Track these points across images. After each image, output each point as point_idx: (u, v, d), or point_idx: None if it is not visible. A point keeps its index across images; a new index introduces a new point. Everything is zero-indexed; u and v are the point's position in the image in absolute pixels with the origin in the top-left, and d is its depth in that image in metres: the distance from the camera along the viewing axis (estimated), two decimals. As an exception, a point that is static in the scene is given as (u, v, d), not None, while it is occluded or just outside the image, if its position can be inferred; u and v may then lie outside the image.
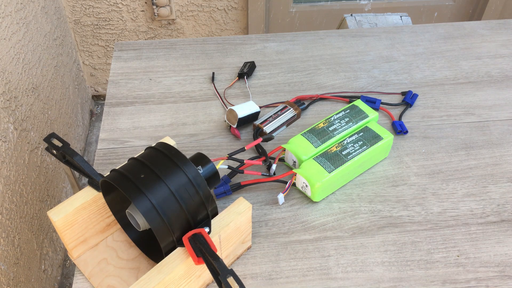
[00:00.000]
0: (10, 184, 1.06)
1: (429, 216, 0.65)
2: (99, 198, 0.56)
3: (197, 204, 0.51)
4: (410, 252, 0.60)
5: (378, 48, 0.94)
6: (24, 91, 1.20)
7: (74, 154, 0.56)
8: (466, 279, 0.58)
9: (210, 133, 0.77)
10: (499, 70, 0.89)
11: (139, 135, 0.76)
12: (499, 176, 0.70)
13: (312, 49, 0.94)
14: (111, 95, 0.84)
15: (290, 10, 1.80)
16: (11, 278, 1.02)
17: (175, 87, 0.86)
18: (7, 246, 1.01)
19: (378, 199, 0.67)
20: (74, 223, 0.55)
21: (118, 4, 1.66)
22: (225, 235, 0.53)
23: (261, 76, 0.88)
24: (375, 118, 0.72)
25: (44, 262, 1.23)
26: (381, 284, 0.57)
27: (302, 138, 0.68)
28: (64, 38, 1.61)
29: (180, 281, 0.50)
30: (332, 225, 0.63)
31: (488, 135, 0.76)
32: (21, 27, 1.23)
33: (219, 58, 0.92)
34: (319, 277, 0.58)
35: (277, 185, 0.69)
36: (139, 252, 0.59)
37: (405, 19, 1.37)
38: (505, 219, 0.64)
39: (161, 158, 0.52)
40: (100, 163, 0.72)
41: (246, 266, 0.59)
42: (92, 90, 1.94)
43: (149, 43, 0.96)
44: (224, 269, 0.45)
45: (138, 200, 0.48)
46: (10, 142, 1.08)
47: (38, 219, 1.21)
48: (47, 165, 1.32)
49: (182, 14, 1.72)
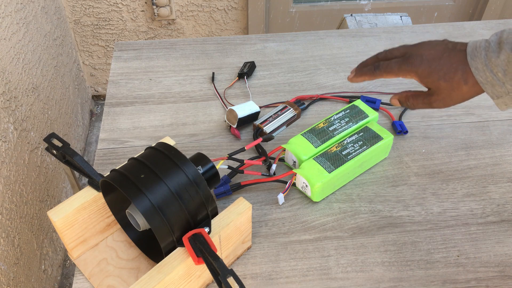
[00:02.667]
0: (10, 184, 1.06)
1: (429, 216, 0.65)
2: (99, 198, 0.56)
3: (197, 204, 0.51)
4: (410, 252, 0.60)
5: (378, 48, 0.94)
6: (24, 91, 1.20)
7: (74, 154, 0.56)
8: (466, 279, 0.58)
9: (210, 133, 0.77)
10: (499, 70, 0.89)
11: (139, 135, 0.76)
12: (499, 176, 0.70)
13: (312, 49, 0.94)
14: (111, 95, 0.84)
15: (290, 10, 1.80)
16: (11, 278, 1.02)
17: (175, 87, 0.86)
18: (7, 246, 1.01)
19: (378, 199, 0.67)
20: (74, 223, 0.55)
21: (118, 4, 1.66)
22: (225, 235, 0.53)
23: (261, 76, 0.88)
24: (375, 118, 0.72)
25: (44, 262, 1.23)
26: (381, 284, 0.57)
27: (302, 138, 0.68)
28: (64, 38, 1.61)
29: (180, 281, 0.50)
30: (332, 225, 0.63)
31: (488, 135, 0.76)
32: (21, 27, 1.23)
33: (219, 58, 0.92)
34: (319, 277, 0.58)
35: (277, 185, 0.69)
36: (139, 252, 0.59)
37: (405, 19, 1.38)
38: (505, 219, 0.64)
39: (161, 158, 0.52)
40: (100, 163, 0.72)
41: (246, 266, 0.59)
42: (92, 90, 1.94)
43: (149, 43, 0.96)
44: (224, 269, 0.45)
45: (138, 200, 0.48)
46: (10, 142, 1.08)
47: (38, 219, 1.21)
48: (47, 165, 1.32)
49: (182, 14, 1.72)
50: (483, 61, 0.49)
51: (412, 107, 0.57)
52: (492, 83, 0.49)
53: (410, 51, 0.55)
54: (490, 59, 0.48)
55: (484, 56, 0.49)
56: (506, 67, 0.47)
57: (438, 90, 0.53)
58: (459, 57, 0.51)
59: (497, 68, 0.48)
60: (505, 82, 0.48)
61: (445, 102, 0.53)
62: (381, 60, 0.58)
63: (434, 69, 0.52)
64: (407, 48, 0.55)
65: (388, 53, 0.57)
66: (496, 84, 0.49)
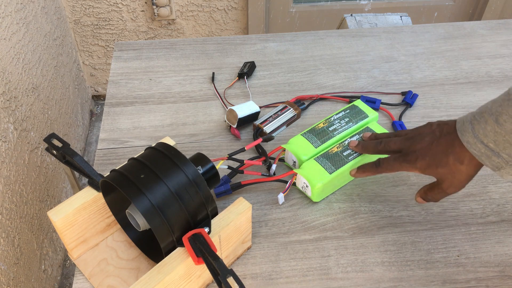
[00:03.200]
0: (10, 184, 1.06)
1: (429, 216, 0.65)
2: (99, 198, 0.56)
3: (197, 204, 0.51)
4: (410, 252, 0.60)
5: (378, 48, 0.94)
6: (24, 91, 1.20)
7: (74, 154, 0.56)
8: (466, 279, 0.58)
9: (210, 133, 0.77)
10: (499, 70, 0.89)
11: (139, 135, 0.76)
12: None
13: (312, 49, 0.94)
14: (111, 95, 0.84)
15: (290, 10, 1.80)
16: (11, 278, 1.02)
17: (175, 87, 0.86)
18: (7, 246, 1.01)
19: (378, 199, 0.67)
20: (74, 223, 0.55)
21: (118, 4, 1.66)
22: (225, 235, 0.53)
23: (261, 76, 0.88)
24: (375, 118, 0.72)
25: (44, 262, 1.23)
26: (381, 284, 0.57)
27: (302, 138, 0.68)
28: (64, 38, 1.61)
29: (180, 281, 0.50)
30: (332, 225, 0.63)
31: (488, 135, 0.76)
32: (21, 27, 1.23)
33: (219, 58, 0.92)
34: (319, 277, 0.58)
35: (277, 185, 0.69)
36: (139, 252, 0.59)
37: (405, 19, 1.38)
38: (505, 219, 0.64)
39: (161, 158, 0.52)
40: (100, 163, 0.72)
41: (246, 266, 0.59)
42: (92, 90, 1.94)
43: (149, 43, 0.96)
44: (224, 269, 0.45)
45: (138, 200, 0.48)
46: (10, 142, 1.08)
47: (38, 219, 1.21)
48: (47, 165, 1.32)
49: (182, 14, 1.72)
50: (472, 134, 0.50)
51: (434, 201, 0.59)
52: (487, 154, 0.49)
53: (404, 148, 0.57)
54: (478, 131, 0.49)
55: (471, 130, 0.50)
56: (494, 137, 0.48)
57: (442, 177, 0.55)
58: (447, 141, 0.53)
59: (486, 139, 0.48)
60: (499, 152, 0.48)
61: (455, 186, 0.55)
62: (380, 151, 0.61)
63: (430, 161, 0.54)
64: (402, 143, 0.58)
65: (386, 146, 0.60)
66: (491, 155, 0.49)
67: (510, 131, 0.47)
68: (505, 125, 0.47)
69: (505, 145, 0.47)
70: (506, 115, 0.47)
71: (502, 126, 0.47)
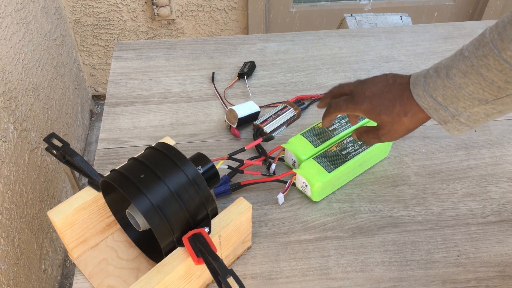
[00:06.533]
0: (10, 184, 1.06)
1: (429, 216, 0.65)
2: (99, 198, 0.56)
3: (197, 204, 0.51)
4: (410, 252, 0.60)
5: (378, 48, 0.94)
6: (24, 91, 1.20)
7: (74, 154, 0.56)
8: (466, 279, 0.58)
9: (210, 133, 0.77)
10: (499, 70, 0.89)
11: (139, 135, 0.76)
12: (499, 176, 0.70)
13: (312, 49, 0.94)
14: (111, 95, 0.84)
15: (290, 10, 1.80)
16: (11, 278, 1.02)
17: (175, 87, 0.86)
18: (7, 246, 1.01)
19: (378, 199, 0.67)
20: (74, 223, 0.55)
21: (118, 4, 1.66)
22: (225, 235, 0.53)
23: (261, 76, 0.88)
24: (375, 118, 0.72)
25: (44, 262, 1.23)
26: (381, 284, 0.57)
27: (302, 138, 0.68)
28: (64, 38, 1.61)
29: (180, 281, 0.50)
30: (332, 225, 0.63)
31: (488, 135, 0.76)
32: (21, 27, 1.23)
33: (219, 58, 0.92)
34: (319, 277, 0.58)
35: (277, 185, 0.69)
36: (139, 252, 0.59)
37: (405, 19, 1.38)
38: (505, 219, 0.64)
39: (161, 158, 0.52)
40: (100, 163, 0.72)
41: (246, 266, 0.59)
42: (92, 90, 1.94)
43: (149, 43, 0.96)
44: (224, 269, 0.45)
45: (138, 200, 0.48)
46: (10, 142, 1.08)
47: (38, 219, 1.21)
48: (47, 165, 1.32)
49: (182, 14, 1.72)
50: (423, 87, 0.51)
51: (366, 143, 0.60)
52: (435, 107, 0.50)
53: (355, 90, 0.58)
54: (429, 85, 0.50)
55: (423, 83, 0.51)
56: (443, 91, 0.49)
57: (382, 124, 0.55)
58: (397, 91, 0.53)
59: (436, 92, 0.49)
60: (447, 106, 0.49)
61: (391, 135, 0.55)
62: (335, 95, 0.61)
63: (375, 105, 0.54)
64: (354, 86, 0.58)
65: (340, 89, 0.60)
66: (439, 109, 0.50)
67: (459, 85, 0.48)
68: (454, 79, 0.48)
69: (452, 99, 0.49)
70: (456, 69, 0.48)
71: (452, 80, 0.48)
